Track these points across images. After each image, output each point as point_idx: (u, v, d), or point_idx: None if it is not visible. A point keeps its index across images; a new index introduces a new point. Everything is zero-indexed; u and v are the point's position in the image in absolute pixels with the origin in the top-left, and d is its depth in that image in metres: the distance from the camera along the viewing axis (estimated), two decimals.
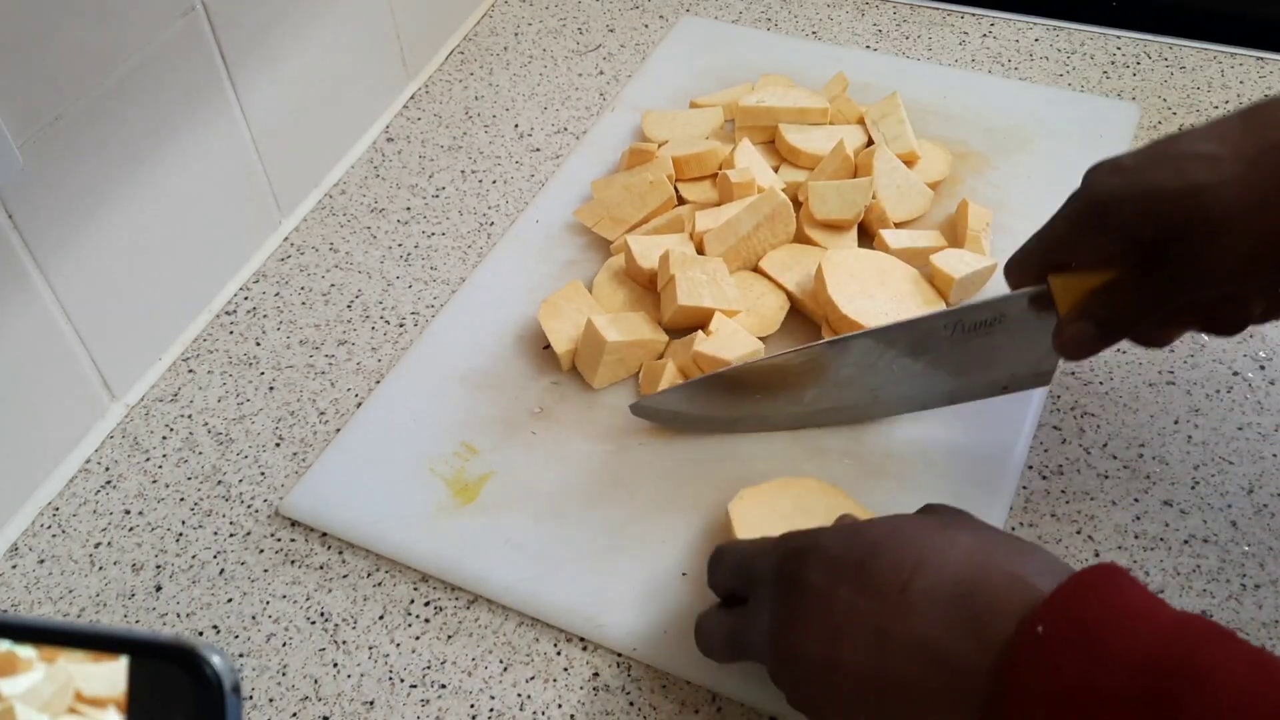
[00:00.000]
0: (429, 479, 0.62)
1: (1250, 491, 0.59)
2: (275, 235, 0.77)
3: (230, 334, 0.72)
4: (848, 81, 0.80)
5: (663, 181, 0.73)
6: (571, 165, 0.79)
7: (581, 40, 0.91)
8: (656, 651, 0.55)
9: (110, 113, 0.61)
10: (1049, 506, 0.59)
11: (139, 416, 0.68)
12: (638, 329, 0.65)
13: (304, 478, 0.63)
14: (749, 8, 0.92)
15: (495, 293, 0.72)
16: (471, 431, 0.64)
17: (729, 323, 0.65)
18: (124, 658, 0.27)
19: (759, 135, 0.77)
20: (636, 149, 0.76)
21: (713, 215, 0.70)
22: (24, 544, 0.62)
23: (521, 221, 0.76)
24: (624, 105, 0.84)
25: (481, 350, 0.68)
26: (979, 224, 0.70)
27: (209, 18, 0.66)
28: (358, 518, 0.61)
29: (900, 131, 0.75)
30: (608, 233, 0.73)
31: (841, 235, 0.70)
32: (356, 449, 0.64)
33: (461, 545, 0.59)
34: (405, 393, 0.67)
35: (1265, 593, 0.55)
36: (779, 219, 0.69)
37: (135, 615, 0.58)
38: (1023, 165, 0.76)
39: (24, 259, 0.59)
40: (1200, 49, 0.85)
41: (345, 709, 0.54)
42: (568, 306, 0.68)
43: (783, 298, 0.68)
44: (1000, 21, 0.89)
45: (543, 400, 0.65)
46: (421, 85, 0.88)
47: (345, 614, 0.58)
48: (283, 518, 0.62)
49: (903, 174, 0.72)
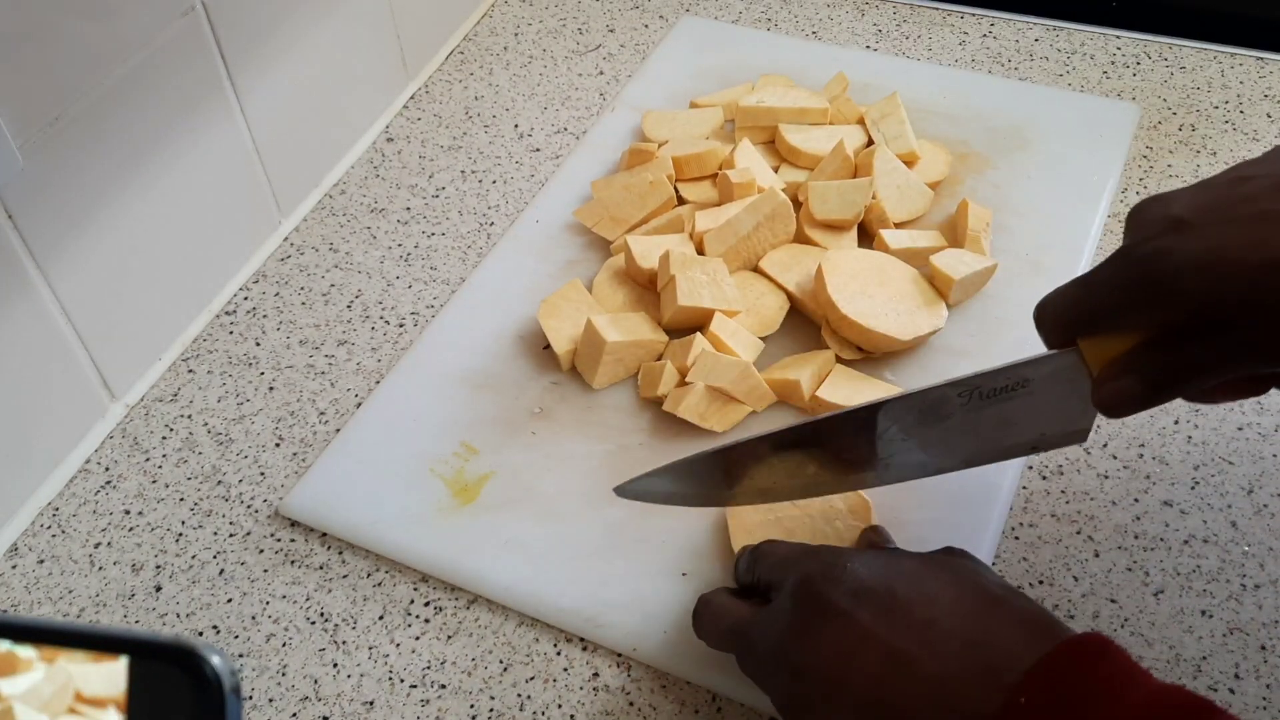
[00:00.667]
0: (429, 479, 0.62)
1: (1250, 491, 0.59)
2: (275, 235, 0.77)
3: (230, 334, 0.72)
4: (848, 82, 0.80)
5: (663, 181, 0.73)
6: (571, 165, 0.79)
7: (581, 40, 0.91)
8: (657, 651, 0.55)
9: (110, 113, 0.61)
10: (1049, 506, 0.59)
11: (139, 416, 0.68)
12: (637, 329, 0.65)
13: (304, 478, 0.63)
14: (749, 8, 0.92)
15: (495, 293, 0.72)
16: (471, 431, 0.64)
17: (729, 323, 0.65)
18: (124, 658, 0.27)
19: (759, 135, 0.77)
20: (636, 149, 0.76)
21: (713, 215, 0.70)
22: (24, 544, 0.62)
23: (521, 221, 0.76)
24: (624, 105, 0.84)
25: (481, 350, 0.68)
26: (979, 224, 0.70)
27: (209, 18, 0.66)
28: (358, 518, 0.61)
29: (900, 131, 0.75)
30: (608, 233, 0.73)
31: (841, 235, 0.70)
32: (356, 449, 0.64)
33: (461, 545, 0.59)
34: (405, 393, 0.67)
35: (1265, 593, 0.55)
36: (779, 219, 0.69)
37: (135, 615, 0.58)
38: (1023, 165, 0.76)
39: (24, 259, 0.59)
40: (1200, 49, 0.85)
41: (345, 709, 0.54)
42: (567, 306, 0.68)
43: (783, 298, 0.68)
44: (1000, 21, 0.89)
45: (543, 400, 0.65)
46: (421, 85, 0.88)
47: (345, 614, 0.58)
48: (282, 518, 0.62)
49: (903, 174, 0.72)
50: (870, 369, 0.64)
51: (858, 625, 0.44)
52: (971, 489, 0.59)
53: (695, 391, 0.61)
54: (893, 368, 0.65)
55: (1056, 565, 0.57)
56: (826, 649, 0.44)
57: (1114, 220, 0.73)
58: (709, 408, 0.62)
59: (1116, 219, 0.73)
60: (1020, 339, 0.51)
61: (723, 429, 0.62)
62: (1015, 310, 0.67)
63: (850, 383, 0.63)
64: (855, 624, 0.44)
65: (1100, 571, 0.57)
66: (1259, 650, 0.53)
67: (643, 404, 0.64)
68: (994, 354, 0.65)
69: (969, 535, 0.57)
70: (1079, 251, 0.70)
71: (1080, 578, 0.56)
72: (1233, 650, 0.53)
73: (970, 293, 0.68)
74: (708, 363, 0.62)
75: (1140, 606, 0.55)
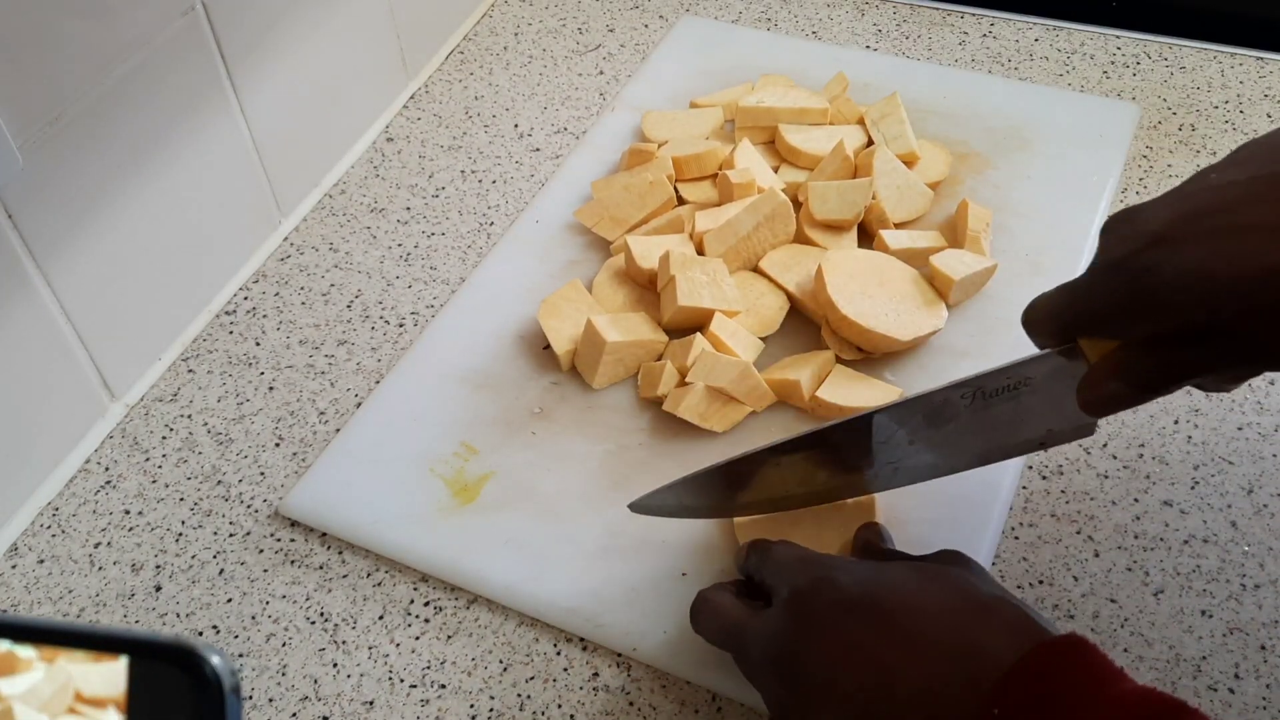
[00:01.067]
0: (429, 479, 0.62)
1: (1250, 491, 0.59)
2: (275, 235, 0.77)
3: (230, 334, 0.72)
4: (848, 82, 0.80)
5: (662, 181, 0.73)
6: (572, 165, 0.79)
7: (581, 40, 0.91)
8: (657, 651, 0.55)
9: (110, 113, 0.61)
10: (1049, 506, 0.59)
11: (139, 416, 0.68)
12: (637, 329, 0.65)
13: (304, 478, 0.63)
14: (749, 8, 0.92)
15: (495, 293, 0.71)
16: (471, 431, 0.64)
17: (729, 323, 0.65)
18: (124, 658, 0.27)
19: (759, 135, 0.77)
20: (636, 149, 0.76)
21: (712, 215, 0.70)
22: (24, 544, 0.62)
23: (521, 221, 0.76)
24: (624, 105, 0.84)
25: (481, 350, 0.68)
26: (979, 224, 0.70)
27: (209, 17, 0.66)
28: (358, 518, 0.61)
29: (900, 132, 0.75)
30: (608, 233, 0.73)
31: (841, 235, 0.70)
32: (356, 449, 0.64)
33: (461, 545, 0.59)
34: (405, 393, 0.67)
35: (1265, 593, 0.55)
36: (779, 219, 0.69)
37: (135, 615, 0.58)
38: (1023, 165, 0.76)
39: (24, 259, 0.59)
40: (1200, 49, 0.85)
41: (345, 709, 0.54)
42: (567, 306, 0.68)
43: (783, 298, 0.68)
44: (1000, 21, 0.89)
45: (543, 400, 0.65)
46: (421, 85, 0.88)
47: (345, 614, 0.58)
48: (282, 518, 0.62)
49: (902, 174, 0.72)
50: (870, 369, 0.64)
51: (845, 639, 0.45)
52: (971, 489, 0.59)
53: (695, 392, 0.61)
54: (892, 368, 0.65)
55: (1056, 565, 0.57)
56: (815, 663, 0.45)
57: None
58: (709, 408, 0.62)
59: None
60: (1020, 338, 0.52)
61: (723, 429, 0.62)
62: (1015, 310, 0.66)
63: (850, 383, 0.63)
64: (842, 638, 0.45)
65: (1100, 571, 0.57)
66: (1259, 650, 0.53)
67: (643, 404, 0.64)
68: (994, 354, 0.65)
69: (969, 535, 0.57)
70: (1079, 252, 0.70)
71: (1080, 578, 0.56)
72: (1233, 650, 0.53)
73: (970, 293, 0.68)
74: (707, 363, 0.62)
75: (1140, 606, 0.55)
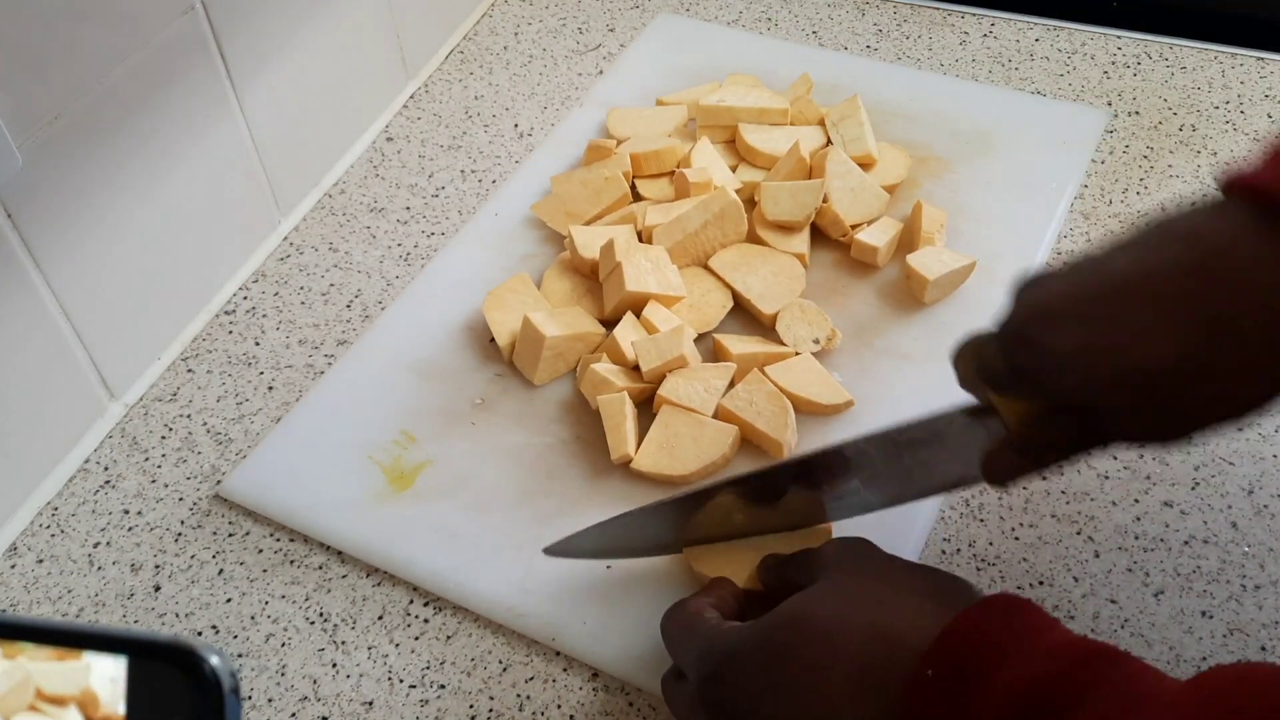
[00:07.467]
0: (367, 466, 0.62)
1: (1250, 492, 0.59)
2: (274, 235, 0.77)
3: (229, 334, 0.72)
4: (813, 83, 0.79)
5: (618, 177, 0.73)
6: (536, 160, 0.80)
7: (581, 40, 0.91)
8: (575, 643, 0.55)
9: (110, 113, 0.61)
10: (1049, 506, 0.59)
11: (138, 416, 0.68)
12: (576, 323, 0.65)
13: (244, 461, 0.63)
14: (749, 7, 0.92)
15: (448, 284, 0.72)
16: (412, 420, 0.64)
17: (662, 310, 0.65)
18: (117, 657, 0.27)
19: (720, 134, 0.77)
20: (595, 144, 0.77)
21: (664, 211, 0.70)
22: (23, 544, 0.62)
23: (481, 214, 0.76)
24: (593, 101, 0.84)
25: (429, 340, 0.69)
26: (933, 226, 0.70)
27: (209, 17, 0.66)
28: (294, 502, 0.61)
29: (859, 134, 0.75)
30: (561, 227, 0.73)
31: (793, 236, 0.70)
32: (298, 434, 0.64)
33: (393, 532, 0.59)
34: (351, 380, 0.67)
35: (1265, 593, 0.55)
36: (728, 218, 0.69)
37: (134, 615, 0.58)
38: (983, 169, 0.76)
39: (24, 259, 0.59)
40: (1200, 49, 0.85)
41: (344, 709, 0.54)
42: (513, 299, 0.68)
43: (727, 296, 0.68)
44: (1001, 22, 0.89)
45: (485, 391, 0.65)
46: (421, 85, 0.88)
47: (344, 614, 0.58)
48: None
49: (856, 176, 0.72)
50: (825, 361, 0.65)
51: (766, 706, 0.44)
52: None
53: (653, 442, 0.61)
54: (840, 369, 0.65)
55: (1056, 565, 0.57)
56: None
57: (1081, 220, 0.73)
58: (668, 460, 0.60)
59: (1091, 221, 0.73)
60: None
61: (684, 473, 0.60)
62: (963, 315, 0.67)
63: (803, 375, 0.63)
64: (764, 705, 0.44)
65: (1100, 572, 0.57)
66: (1259, 651, 0.53)
67: (582, 398, 0.64)
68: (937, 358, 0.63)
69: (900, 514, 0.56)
70: (1030, 259, 0.70)
71: (1080, 578, 0.56)
72: (1233, 650, 0.53)
73: (948, 291, 0.68)
74: (648, 346, 0.62)
75: (1140, 607, 0.55)
